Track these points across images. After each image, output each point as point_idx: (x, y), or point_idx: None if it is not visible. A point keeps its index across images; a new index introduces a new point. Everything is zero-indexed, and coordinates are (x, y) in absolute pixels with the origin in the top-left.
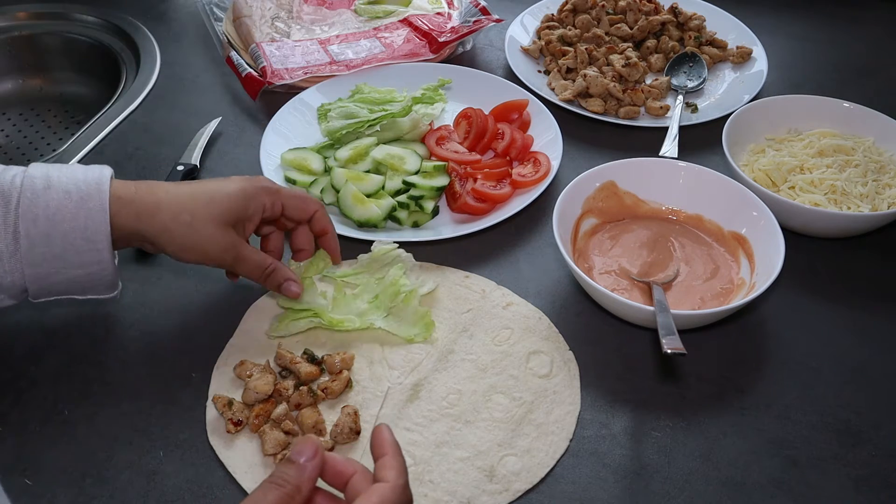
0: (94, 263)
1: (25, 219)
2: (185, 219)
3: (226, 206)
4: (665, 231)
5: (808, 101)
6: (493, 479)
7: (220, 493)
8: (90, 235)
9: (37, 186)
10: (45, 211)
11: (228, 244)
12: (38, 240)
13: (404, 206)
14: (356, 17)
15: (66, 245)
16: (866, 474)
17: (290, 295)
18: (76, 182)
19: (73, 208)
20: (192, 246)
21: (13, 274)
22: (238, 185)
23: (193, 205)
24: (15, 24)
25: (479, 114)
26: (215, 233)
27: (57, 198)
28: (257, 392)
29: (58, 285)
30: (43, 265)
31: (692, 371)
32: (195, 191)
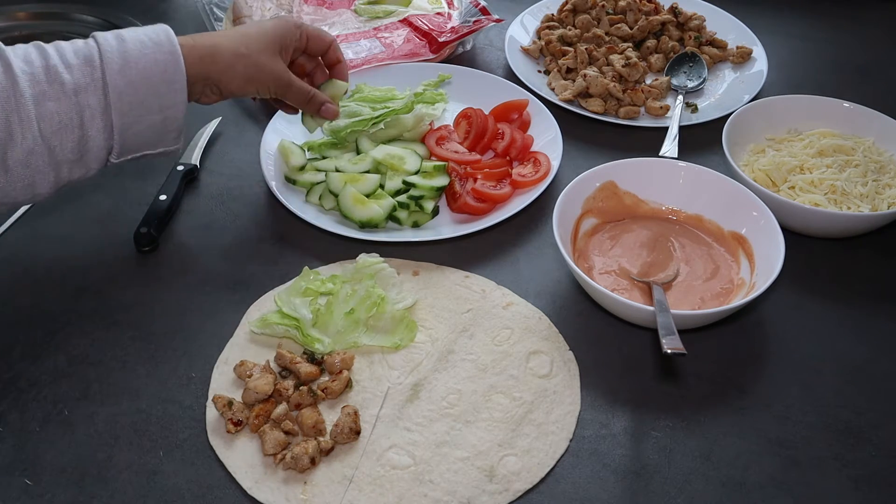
0: (171, 106)
1: (111, 72)
2: (243, 51)
3: (272, 36)
4: (665, 231)
5: (808, 101)
6: (493, 479)
7: (220, 493)
8: (169, 77)
9: (112, 43)
10: (128, 61)
11: (282, 70)
12: (125, 89)
13: (404, 206)
14: (356, 17)
15: (149, 89)
16: (866, 474)
17: (328, 115)
18: (146, 33)
19: (152, 54)
20: (253, 76)
21: (105, 130)
22: (273, 21)
23: (247, 40)
24: (15, 24)
25: (479, 114)
26: (270, 61)
27: (134, 48)
28: (257, 392)
29: (137, 136)
30: (129, 114)
31: (692, 371)
32: (243, 30)
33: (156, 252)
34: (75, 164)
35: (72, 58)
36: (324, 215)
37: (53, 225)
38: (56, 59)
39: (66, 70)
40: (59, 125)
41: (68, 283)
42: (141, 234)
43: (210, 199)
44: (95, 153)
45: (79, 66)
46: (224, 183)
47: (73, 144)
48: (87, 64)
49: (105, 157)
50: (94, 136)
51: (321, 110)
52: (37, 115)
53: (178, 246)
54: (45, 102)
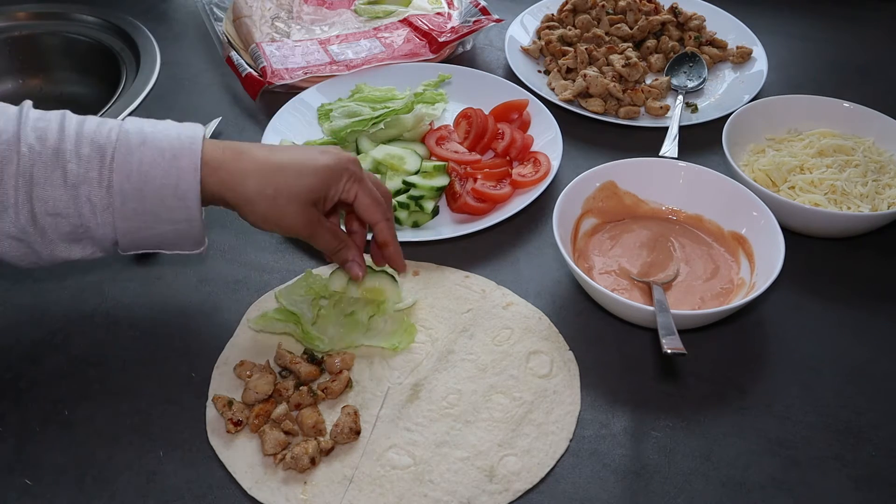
0: (183, 221)
1: (120, 173)
2: (268, 193)
3: (310, 183)
4: (665, 231)
5: (808, 101)
6: (493, 479)
7: (220, 493)
8: (181, 193)
9: (132, 142)
10: (139, 167)
11: (307, 221)
12: (130, 195)
13: (404, 206)
14: (356, 17)
15: (157, 201)
16: (866, 474)
17: (351, 275)
18: (170, 139)
19: (166, 166)
20: (272, 219)
21: (105, 227)
22: (326, 163)
23: (278, 179)
24: (15, 24)
25: (479, 114)
26: (297, 210)
27: (151, 154)
28: (257, 392)
29: (147, 240)
30: (134, 219)
31: (692, 371)
32: (283, 163)
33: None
34: (75, 245)
35: (86, 146)
36: None
37: None
38: (71, 143)
39: (75, 158)
40: (54, 210)
41: (68, 283)
42: None
43: None
44: (99, 241)
45: (88, 158)
46: None
47: (70, 230)
48: (98, 158)
49: (110, 248)
50: (96, 229)
51: (346, 266)
52: (32, 196)
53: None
54: (44, 186)
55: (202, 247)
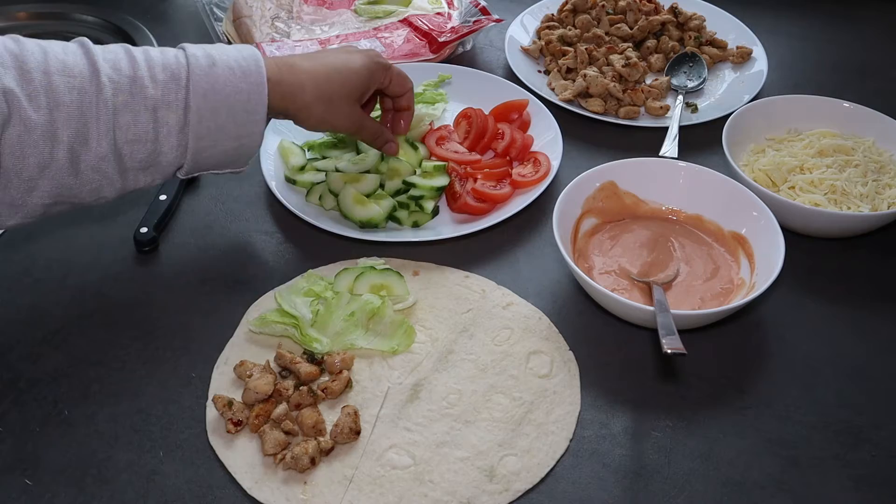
0: (248, 135)
1: (196, 94)
2: (325, 97)
3: (356, 84)
4: (665, 231)
5: (808, 101)
6: (493, 479)
7: (220, 493)
8: (251, 107)
9: (202, 63)
10: (214, 86)
11: (357, 118)
12: (206, 113)
13: (404, 206)
14: (356, 17)
15: (229, 117)
16: (866, 474)
17: (389, 152)
18: (237, 59)
19: (238, 83)
20: (329, 120)
21: (177, 149)
22: (363, 63)
23: (330, 86)
24: (15, 24)
25: (479, 114)
26: (348, 110)
27: (223, 74)
28: (257, 392)
29: (210, 159)
30: (206, 138)
31: (692, 371)
32: (330, 70)
33: (156, 252)
34: (142, 173)
35: (159, 72)
36: (324, 215)
37: (53, 225)
38: (144, 70)
39: (152, 84)
40: (134, 137)
41: (68, 283)
42: (141, 234)
43: (210, 199)
44: (164, 167)
45: (164, 82)
46: (224, 183)
47: (145, 156)
48: (174, 81)
49: (173, 171)
50: (167, 153)
51: (385, 146)
52: (115, 125)
53: (178, 246)
54: (126, 113)
55: (249, 165)
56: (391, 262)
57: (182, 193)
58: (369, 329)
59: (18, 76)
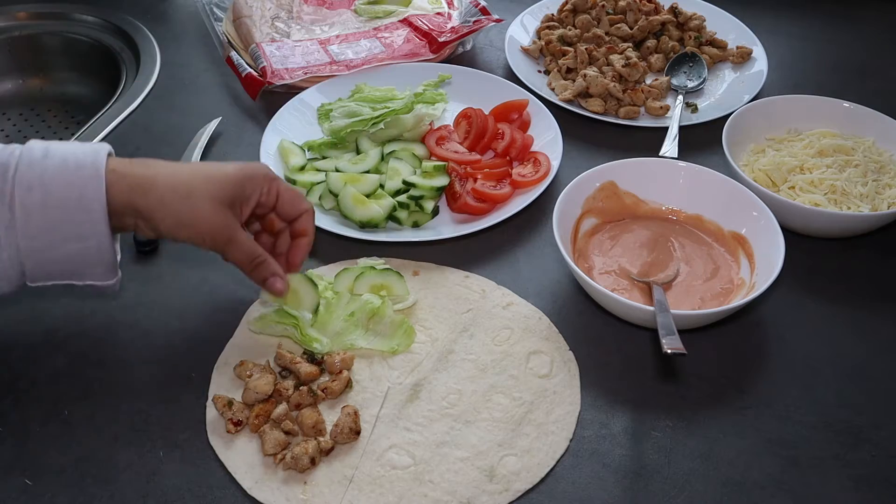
0: (90, 236)
1: (21, 187)
2: (182, 191)
3: (224, 183)
4: (665, 231)
5: (808, 101)
6: (493, 479)
7: (220, 493)
8: (86, 204)
9: (35, 156)
10: (41, 179)
11: (224, 224)
12: (33, 209)
13: (404, 206)
14: (356, 17)
15: (61, 214)
16: (866, 474)
17: (273, 291)
18: (73, 152)
19: (69, 176)
20: (187, 222)
21: (9, 248)
22: (237, 167)
23: (191, 180)
24: (15, 24)
25: (479, 114)
26: (212, 210)
27: (53, 166)
28: (257, 392)
29: (54, 264)
30: (39, 237)
31: (692, 371)
32: (193, 169)
33: (156, 252)
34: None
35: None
36: (324, 215)
37: None
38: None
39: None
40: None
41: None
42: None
43: None
44: (5, 270)
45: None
46: None
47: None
48: (0, 174)
49: (17, 278)
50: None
51: (266, 283)
52: None
53: (178, 246)
54: None
55: (115, 277)
56: (391, 262)
57: None
58: (369, 329)
59: None
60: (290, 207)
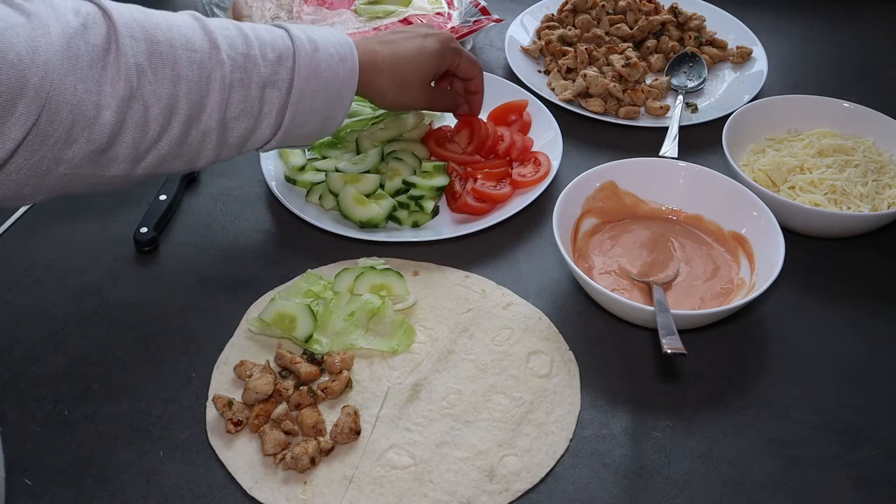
0: (333, 117)
1: (300, 76)
2: (398, 83)
3: (428, 68)
4: (665, 231)
5: (808, 101)
6: (493, 479)
7: (220, 493)
8: (343, 92)
9: (306, 47)
10: (316, 69)
11: (427, 97)
12: (305, 95)
13: (404, 206)
14: (356, 17)
15: (323, 100)
16: (866, 474)
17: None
18: (335, 45)
19: (336, 68)
20: (401, 102)
21: (274, 126)
22: (434, 49)
23: (404, 72)
24: None
25: (480, 124)
26: (419, 92)
27: (324, 59)
28: (257, 392)
29: (293, 138)
30: (300, 117)
31: (692, 371)
32: (405, 57)
33: (156, 252)
34: (234, 148)
35: (269, 51)
36: (324, 215)
37: (53, 225)
38: (256, 48)
39: (263, 62)
40: (241, 112)
41: (68, 283)
42: (141, 234)
43: (210, 199)
44: (254, 143)
45: (273, 62)
46: (224, 183)
47: (244, 132)
48: (281, 62)
49: (259, 147)
50: (263, 129)
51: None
52: (228, 100)
53: (178, 246)
54: (239, 89)
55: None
56: (391, 262)
57: (182, 193)
58: (369, 329)
59: (147, 49)
60: (467, 71)
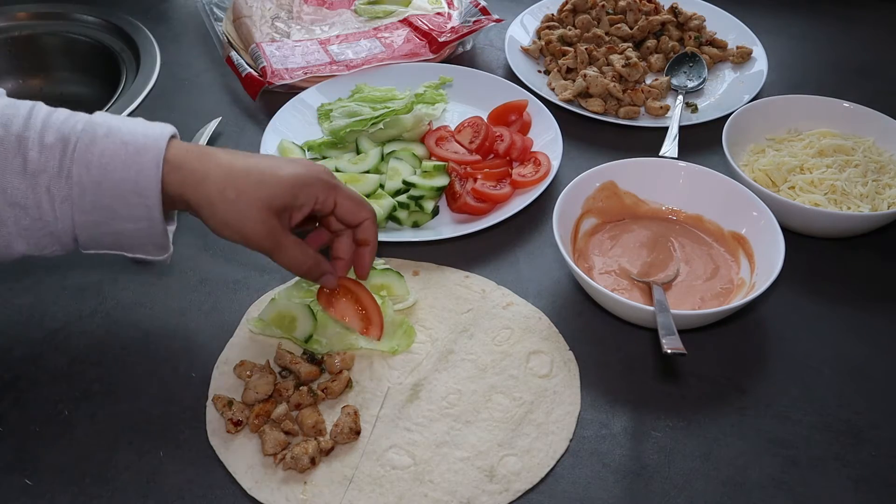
0: (143, 219)
1: (79, 164)
2: (229, 195)
3: (275, 191)
4: (665, 231)
5: (808, 101)
6: (493, 479)
7: (220, 493)
8: (140, 189)
9: (97, 133)
10: (100, 158)
11: (269, 232)
12: (89, 186)
13: (404, 206)
14: (356, 17)
15: (116, 195)
16: (866, 474)
17: (327, 286)
18: (135, 134)
19: (127, 159)
20: (232, 224)
21: (64, 220)
22: (293, 171)
23: (241, 183)
24: (15, 24)
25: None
26: (257, 217)
27: (112, 146)
28: (257, 392)
29: (107, 237)
30: (93, 213)
31: (692, 371)
32: (248, 167)
33: None
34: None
35: (50, 136)
36: None
37: None
38: (35, 131)
39: (37, 147)
40: (13, 200)
41: (68, 283)
42: None
43: None
44: (57, 238)
45: (50, 147)
46: None
47: (29, 223)
48: (61, 146)
49: (70, 244)
50: (54, 222)
51: (320, 280)
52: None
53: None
54: (5, 175)
55: (167, 253)
56: (391, 262)
57: None
58: None
59: None
60: (349, 216)
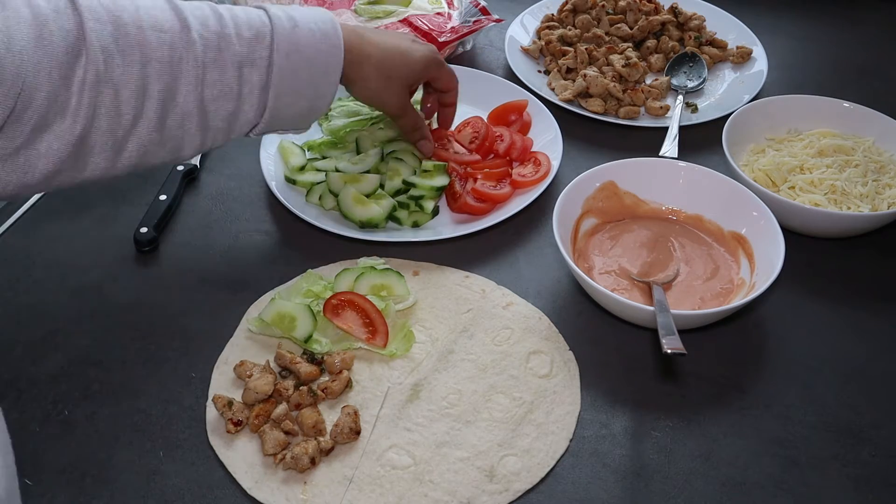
0: (321, 96)
1: (279, 53)
2: (384, 72)
3: (414, 71)
4: (665, 231)
5: (808, 101)
6: (493, 479)
7: (220, 493)
8: (328, 69)
9: (285, 24)
10: (296, 46)
11: (404, 102)
12: (287, 73)
13: (404, 206)
14: (356, 17)
15: (308, 78)
16: (866, 474)
17: (423, 150)
18: (316, 21)
19: (318, 44)
20: (380, 96)
21: (259, 107)
22: (423, 54)
23: (392, 64)
24: None
25: (483, 124)
26: (399, 92)
27: (304, 35)
28: (257, 392)
29: (283, 119)
30: (285, 97)
31: (692, 371)
32: (395, 50)
33: (156, 252)
34: (221, 131)
35: (245, 29)
36: (324, 215)
37: (53, 225)
38: (231, 27)
39: (238, 41)
40: (219, 93)
41: (68, 283)
42: (141, 234)
43: (210, 199)
44: (241, 126)
45: (249, 40)
46: (224, 183)
47: (227, 114)
48: (258, 40)
49: (248, 130)
50: (247, 111)
51: (418, 143)
52: (203, 80)
53: (178, 246)
54: (213, 69)
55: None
56: (391, 262)
57: (182, 193)
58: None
59: (114, 32)
60: (446, 83)
